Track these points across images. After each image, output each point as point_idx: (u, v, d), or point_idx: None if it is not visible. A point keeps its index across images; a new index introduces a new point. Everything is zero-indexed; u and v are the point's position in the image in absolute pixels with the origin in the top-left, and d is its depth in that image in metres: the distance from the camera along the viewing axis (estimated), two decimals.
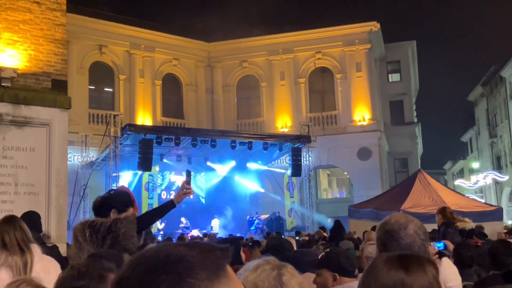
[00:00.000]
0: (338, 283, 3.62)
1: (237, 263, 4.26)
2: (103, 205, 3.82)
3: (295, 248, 5.92)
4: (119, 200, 3.90)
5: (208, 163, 25.70)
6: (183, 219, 23.99)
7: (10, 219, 3.99)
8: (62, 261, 4.80)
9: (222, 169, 26.37)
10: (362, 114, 30.35)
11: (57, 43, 10.55)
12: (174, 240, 13.77)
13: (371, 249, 5.89)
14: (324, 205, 30.05)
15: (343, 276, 3.61)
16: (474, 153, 52.07)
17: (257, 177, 27.52)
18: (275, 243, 4.89)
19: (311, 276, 3.90)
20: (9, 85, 9.78)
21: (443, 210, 8.79)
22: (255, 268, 2.02)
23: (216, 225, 25.24)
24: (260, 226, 24.79)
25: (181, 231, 22.47)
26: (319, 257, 4.01)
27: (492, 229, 13.86)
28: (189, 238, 16.84)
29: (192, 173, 4.58)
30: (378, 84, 33.59)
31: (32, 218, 6.02)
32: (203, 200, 27.29)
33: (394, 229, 2.43)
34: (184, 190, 4.29)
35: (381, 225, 2.53)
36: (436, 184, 18.46)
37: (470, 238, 10.13)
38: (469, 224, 8.52)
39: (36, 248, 3.92)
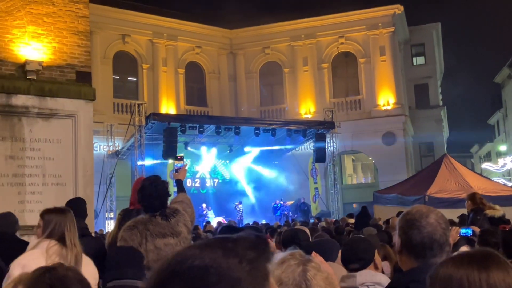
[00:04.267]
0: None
1: None
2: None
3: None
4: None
5: (232, 151, 25.80)
6: (204, 205, 24.10)
7: (69, 213, 3.98)
8: (104, 253, 4.78)
9: (246, 156, 26.45)
10: (386, 98, 30.05)
11: (81, 35, 10.65)
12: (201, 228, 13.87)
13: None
14: (349, 191, 29.96)
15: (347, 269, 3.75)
16: (502, 136, 51.21)
17: (281, 163, 27.53)
18: (290, 234, 4.89)
19: (332, 265, 3.94)
20: (35, 78, 9.94)
21: (473, 196, 8.69)
22: (280, 263, 2.03)
23: (241, 210, 25.28)
24: (286, 212, 24.83)
25: (206, 218, 22.65)
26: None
27: None
28: (213, 226, 16.93)
29: (178, 156, 5.22)
30: (402, 67, 33.19)
31: (78, 206, 5.95)
32: (227, 187, 27.38)
33: (416, 217, 2.46)
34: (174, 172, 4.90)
35: (403, 215, 2.57)
36: (462, 169, 18.24)
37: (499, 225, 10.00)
38: (499, 212, 8.39)
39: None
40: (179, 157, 4.77)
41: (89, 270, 3.70)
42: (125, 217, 4.56)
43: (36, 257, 3.58)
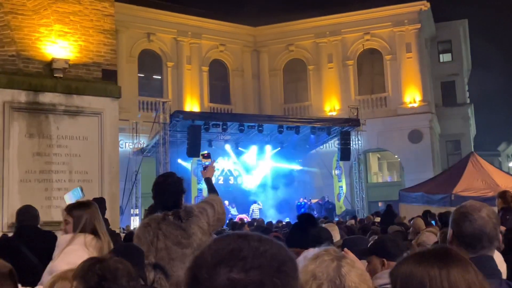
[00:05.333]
0: (387, 268, 3.64)
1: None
2: None
3: (338, 235, 5.86)
4: None
5: (256, 148, 25.78)
6: (226, 202, 24.14)
7: (94, 205, 4.04)
8: None
9: (269, 154, 26.42)
10: (412, 96, 29.73)
11: (106, 33, 10.75)
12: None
13: (425, 237, 5.80)
14: (375, 189, 29.72)
15: (391, 261, 3.62)
16: None
17: (305, 161, 27.45)
18: (312, 234, 4.85)
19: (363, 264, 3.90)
20: (62, 75, 10.06)
21: (504, 194, 8.51)
22: (314, 258, 2.02)
23: (256, 210, 25.26)
24: (312, 209, 24.74)
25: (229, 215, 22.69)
26: (369, 245, 4.01)
27: None
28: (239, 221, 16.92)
29: (205, 154, 5.10)
30: (428, 64, 32.79)
31: (98, 203, 6.06)
32: (249, 185, 27.35)
33: (469, 211, 2.61)
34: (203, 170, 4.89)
35: (457, 208, 2.72)
36: (489, 167, 17.95)
37: None
38: None
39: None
40: (205, 155, 4.77)
41: None
42: (152, 213, 4.58)
43: (81, 254, 3.63)
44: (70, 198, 5.40)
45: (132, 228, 16.43)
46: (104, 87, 10.38)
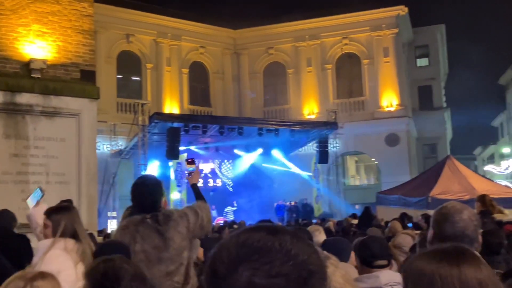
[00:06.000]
0: (361, 272, 3.63)
1: None
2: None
3: (323, 236, 5.89)
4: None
5: (235, 151, 25.80)
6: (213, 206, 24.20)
7: (74, 209, 4.01)
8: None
9: (249, 157, 26.45)
10: (390, 100, 30.03)
11: (85, 33, 10.67)
12: None
13: (401, 239, 5.87)
14: (352, 192, 29.92)
15: (365, 266, 3.60)
16: (505, 138, 51.07)
17: (283, 164, 27.52)
18: None
19: (345, 265, 3.90)
20: (39, 76, 9.95)
21: (483, 198, 8.64)
22: None
23: (230, 212, 25.28)
24: (291, 211, 24.87)
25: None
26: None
27: None
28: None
29: (189, 160, 5.06)
30: (406, 69, 33.16)
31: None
32: (230, 188, 27.38)
33: (450, 212, 2.64)
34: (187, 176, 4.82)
35: (438, 209, 2.74)
36: (466, 170, 18.21)
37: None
38: (507, 216, 8.36)
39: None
40: (190, 160, 4.70)
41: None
42: (132, 215, 4.55)
43: (62, 260, 3.59)
44: (31, 200, 5.35)
45: (108, 231, 16.28)
46: (82, 88, 10.28)
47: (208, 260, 1.06)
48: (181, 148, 21.23)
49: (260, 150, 25.85)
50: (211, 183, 26.94)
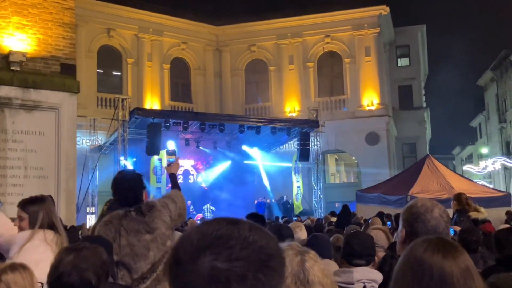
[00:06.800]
0: (342, 266, 3.67)
1: None
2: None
3: (305, 234, 5.90)
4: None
5: (216, 148, 25.75)
6: (189, 202, 24.12)
7: (48, 199, 3.96)
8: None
9: (229, 154, 26.42)
10: (370, 99, 30.23)
11: (66, 27, 10.56)
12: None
13: (373, 235, 5.91)
14: (332, 190, 30.06)
15: (346, 262, 3.64)
16: (483, 139, 51.78)
17: (264, 161, 27.55)
18: (273, 231, 4.89)
19: (327, 261, 3.92)
20: (19, 69, 9.83)
21: (459, 197, 8.74)
22: None
23: (208, 209, 25.28)
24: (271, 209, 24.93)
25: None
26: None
27: (497, 215, 13.82)
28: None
29: (170, 150, 5.22)
30: (387, 68, 33.40)
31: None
32: (208, 185, 27.29)
33: (421, 211, 2.60)
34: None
35: (407, 208, 2.69)
36: (444, 170, 18.37)
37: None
38: (483, 214, 8.47)
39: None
40: (170, 151, 4.77)
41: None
42: (112, 208, 4.52)
43: (42, 250, 3.55)
44: None
45: (87, 226, 16.14)
46: (62, 82, 10.18)
47: (171, 250, 1.10)
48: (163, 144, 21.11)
49: (241, 147, 25.84)
50: (191, 179, 26.87)
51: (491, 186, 32.11)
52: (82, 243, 2.54)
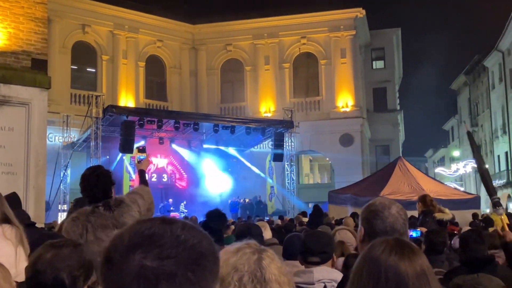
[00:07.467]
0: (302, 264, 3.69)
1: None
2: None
3: (269, 233, 5.94)
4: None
5: (191, 147, 25.68)
6: (170, 201, 24.44)
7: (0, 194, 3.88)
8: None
9: (204, 153, 26.36)
10: (345, 101, 30.45)
11: (38, 21, 10.41)
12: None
13: (342, 234, 5.98)
14: (306, 190, 30.22)
15: (303, 260, 3.66)
16: (456, 142, 52.61)
17: (239, 161, 27.55)
18: (242, 229, 4.93)
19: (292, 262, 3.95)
20: None
21: (424, 198, 8.85)
22: (235, 251, 2.03)
23: (184, 208, 25.28)
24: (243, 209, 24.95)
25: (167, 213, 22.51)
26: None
27: (465, 218, 14.06)
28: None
29: (140, 147, 5.37)
30: (362, 70, 33.68)
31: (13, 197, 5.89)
32: (183, 184, 27.19)
33: (379, 209, 2.62)
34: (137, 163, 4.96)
35: (366, 206, 2.70)
36: (416, 172, 18.59)
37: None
38: (447, 215, 8.61)
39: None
40: (141, 148, 4.76)
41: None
42: (77, 206, 4.49)
43: (3, 245, 3.49)
44: None
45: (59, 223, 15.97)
46: (33, 77, 10.03)
47: (104, 249, 1.09)
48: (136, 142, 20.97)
49: (215, 147, 25.82)
50: (165, 178, 26.72)
51: (462, 189, 32.63)
52: (65, 241, 2.51)
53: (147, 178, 4.88)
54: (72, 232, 3.89)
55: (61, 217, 21.18)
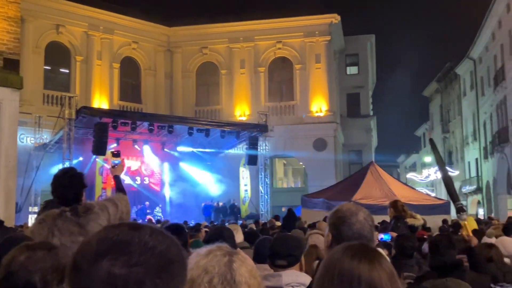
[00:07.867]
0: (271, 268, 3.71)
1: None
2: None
3: (241, 236, 5.97)
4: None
5: (165, 149, 25.57)
6: (147, 203, 24.37)
7: None
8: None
9: (178, 155, 26.27)
10: (319, 105, 30.66)
11: (10, 21, 10.29)
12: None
13: (315, 238, 6.04)
14: (279, 194, 30.25)
15: (271, 264, 3.68)
16: (427, 148, 53.23)
17: (213, 164, 27.52)
18: (215, 232, 4.96)
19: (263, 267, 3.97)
20: None
21: (395, 204, 8.97)
22: (206, 254, 2.05)
23: (159, 211, 25.21)
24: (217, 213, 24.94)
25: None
26: None
27: (436, 223, 14.30)
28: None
29: (114, 152, 5.17)
30: (336, 76, 33.96)
31: None
32: (157, 188, 27.04)
33: (346, 215, 2.65)
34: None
35: (334, 212, 2.73)
36: (387, 177, 18.82)
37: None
38: (419, 221, 8.75)
39: None
40: (115, 153, 4.67)
41: None
42: (47, 208, 4.44)
43: None
44: None
45: (29, 225, 15.75)
46: (4, 77, 9.92)
47: (72, 256, 1.09)
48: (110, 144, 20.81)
49: (189, 150, 25.77)
50: (138, 181, 26.53)
51: (433, 194, 33.10)
52: (40, 243, 2.50)
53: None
54: (38, 234, 3.82)
55: (32, 219, 20.88)
